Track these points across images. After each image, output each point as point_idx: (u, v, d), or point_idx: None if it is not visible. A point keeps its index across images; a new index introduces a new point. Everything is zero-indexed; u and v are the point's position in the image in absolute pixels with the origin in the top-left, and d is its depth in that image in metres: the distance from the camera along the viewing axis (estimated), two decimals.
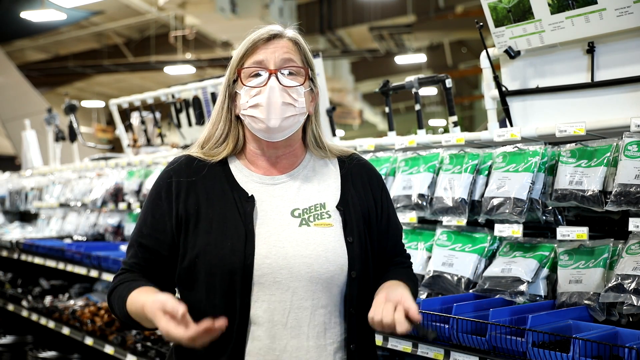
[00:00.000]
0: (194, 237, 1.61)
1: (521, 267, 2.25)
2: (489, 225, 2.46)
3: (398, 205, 2.60)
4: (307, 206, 1.66)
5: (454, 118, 2.89)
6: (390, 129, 3.13)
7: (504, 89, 2.55)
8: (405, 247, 1.87)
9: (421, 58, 17.77)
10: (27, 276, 5.42)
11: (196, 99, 4.24)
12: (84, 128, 19.84)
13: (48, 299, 4.60)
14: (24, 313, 4.82)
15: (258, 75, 1.65)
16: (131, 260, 1.69)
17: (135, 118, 5.11)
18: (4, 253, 5.47)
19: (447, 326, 2.06)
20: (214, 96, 4.11)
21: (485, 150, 2.50)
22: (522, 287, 2.21)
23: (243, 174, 1.70)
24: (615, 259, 2.11)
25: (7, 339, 5.07)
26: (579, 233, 2.16)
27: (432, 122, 22.39)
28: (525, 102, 2.55)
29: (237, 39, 14.70)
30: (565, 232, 2.20)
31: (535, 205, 2.25)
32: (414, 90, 2.94)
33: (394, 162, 2.78)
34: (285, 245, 1.59)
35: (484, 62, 2.61)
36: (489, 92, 2.64)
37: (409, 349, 2.20)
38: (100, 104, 21.58)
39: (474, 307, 2.16)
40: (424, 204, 2.55)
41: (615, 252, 2.13)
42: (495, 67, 2.60)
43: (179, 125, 4.51)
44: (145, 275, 1.67)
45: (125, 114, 5.04)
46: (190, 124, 4.41)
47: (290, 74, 1.65)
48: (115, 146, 8.66)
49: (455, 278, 2.42)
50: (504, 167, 2.36)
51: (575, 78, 2.40)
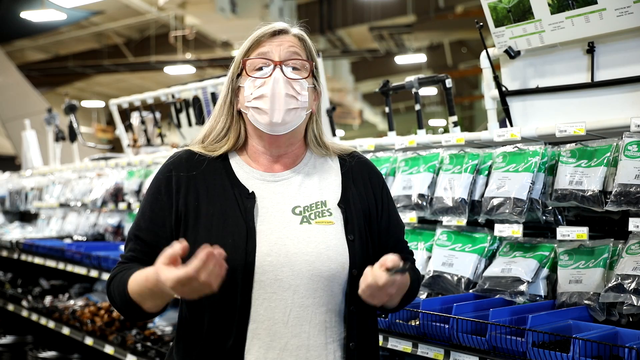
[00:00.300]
0: (194, 233, 1.60)
1: (521, 267, 2.25)
2: (489, 225, 2.46)
3: (398, 205, 2.60)
4: (308, 204, 1.66)
5: (454, 118, 2.89)
6: (390, 129, 3.13)
7: (504, 89, 2.55)
8: (407, 245, 1.85)
9: (421, 58, 17.78)
10: (27, 276, 5.42)
11: (196, 99, 4.24)
12: (84, 128, 19.84)
13: (48, 299, 4.60)
14: (24, 313, 4.81)
15: (262, 69, 1.65)
16: (129, 253, 1.67)
17: (135, 118, 5.11)
18: (4, 253, 5.47)
19: (447, 326, 2.06)
20: (214, 96, 4.11)
21: (485, 150, 2.50)
22: (522, 287, 2.21)
23: (244, 170, 1.69)
24: (615, 259, 2.11)
25: (7, 339, 5.07)
26: (579, 233, 2.16)
27: (432, 122, 22.39)
28: (525, 102, 2.55)
29: (237, 39, 14.73)
30: (565, 232, 2.20)
31: (535, 205, 2.25)
32: (414, 90, 2.94)
33: (394, 162, 2.78)
34: (286, 243, 1.59)
35: (484, 62, 2.61)
36: (489, 92, 2.64)
37: (409, 349, 2.19)
38: (100, 104, 21.59)
39: (474, 307, 2.16)
40: (424, 204, 2.55)
41: (615, 252, 2.13)
42: (495, 67, 2.60)
43: (179, 125, 4.52)
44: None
45: (125, 114, 5.04)
46: (190, 124, 4.41)
47: (295, 68, 1.66)
48: (115, 146, 8.66)
49: (455, 278, 2.42)
50: (504, 167, 2.36)
51: (575, 78, 2.40)
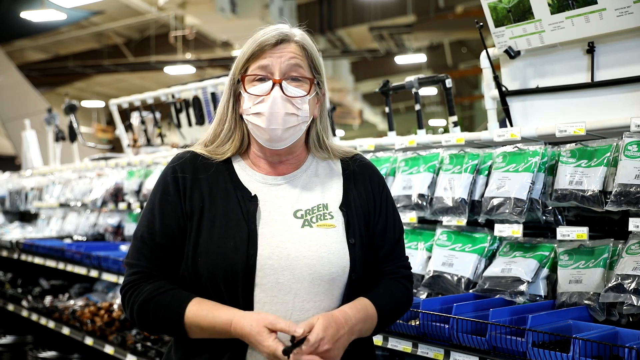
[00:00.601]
0: (197, 235, 1.60)
1: (521, 267, 2.25)
2: (489, 225, 2.45)
3: (398, 205, 2.60)
4: (310, 207, 1.65)
5: (454, 118, 2.88)
6: (390, 129, 3.13)
7: (504, 89, 2.55)
8: (404, 253, 1.80)
9: (421, 58, 17.77)
10: (27, 276, 5.42)
11: (196, 99, 4.24)
12: (84, 128, 19.84)
13: (48, 299, 4.60)
14: (24, 313, 4.81)
15: (263, 79, 1.62)
16: (144, 261, 1.61)
17: (135, 118, 5.11)
18: (4, 253, 5.47)
19: (447, 326, 2.06)
20: (214, 96, 4.11)
21: (485, 150, 2.50)
22: (522, 287, 2.21)
23: (247, 173, 1.69)
24: (615, 259, 2.11)
25: (7, 339, 5.06)
26: (579, 233, 2.16)
27: (432, 122, 22.39)
28: (525, 102, 2.55)
29: (237, 39, 14.71)
30: (565, 232, 2.19)
31: (535, 205, 2.25)
32: (414, 90, 2.94)
33: (394, 162, 2.78)
34: (287, 247, 1.58)
35: (484, 62, 2.61)
36: (489, 92, 2.64)
37: (409, 349, 2.19)
38: (100, 104, 21.59)
39: (474, 307, 2.16)
40: (424, 204, 2.55)
41: (615, 252, 2.13)
42: (495, 67, 2.60)
43: (179, 125, 4.52)
44: (164, 276, 1.61)
45: (125, 114, 5.04)
46: (190, 124, 4.41)
47: (296, 79, 1.63)
48: (115, 146, 8.65)
49: (455, 278, 2.42)
50: (504, 167, 2.36)
51: (575, 78, 2.40)
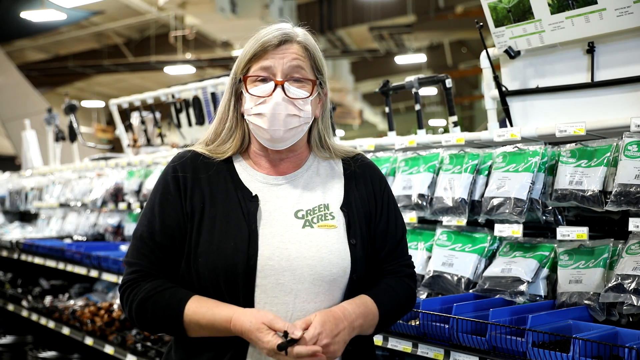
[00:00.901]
0: (197, 235, 1.60)
1: (521, 267, 2.25)
2: (489, 225, 2.45)
3: (398, 205, 2.60)
4: (311, 207, 1.65)
5: (454, 118, 2.88)
6: (390, 129, 3.13)
7: (504, 89, 2.55)
8: (407, 251, 1.80)
9: (421, 58, 17.76)
10: (27, 276, 5.42)
11: (196, 99, 4.24)
12: (84, 128, 19.83)
13: (48, 299, 4.60)
14: (24, 313, 4.81)
15: (264, 80, 1.62)
16: (144, 260, 1.61)
17: (135, 118, 5.11)
18: (4, 253, 5.47)
19: (447, 326, 2.06)
20: (214, 96, 4.11)
21: (485, 150, 2.50)
22: (522, 287, 2.21)
23: (247, 172, 1.68)
24: (615, 259, 2.11)
25: (7, 339, 5.07)
26: (579, 233, 2.16)
27: (432, 122, 22.39)
28: (525, 102, 2.55)
29: (237, 39, 14.72)
30: (565, 232, 2.19)
31: (535, 205, 2.25)
32: (414, 90, 2.94)
33: (394, 162, 2.78)
34: (288, 247, 1.58)
35: (484, 62, 2.61)
36: (489, 92, 2.64)
37: (409, 349, 2.19)
38: (100, 104, 21.58)
39: (474, 307, 2.16)
40: (424, 204, 2.55)
41: (615, 252, 2.13)
42: (495, 67, 2.60)
43: (179, 125, 4.52)
44: (164, 275, 1.61)
45: (125, 114, 5.04)
46: (190, 124, 4.41)
47: (298, 80, 1.62)
48: (115, 146, 8.65)
49: (455, 278, 2.42)
50: (504, 167, 2.36)
51: (575, 78, 2.40)
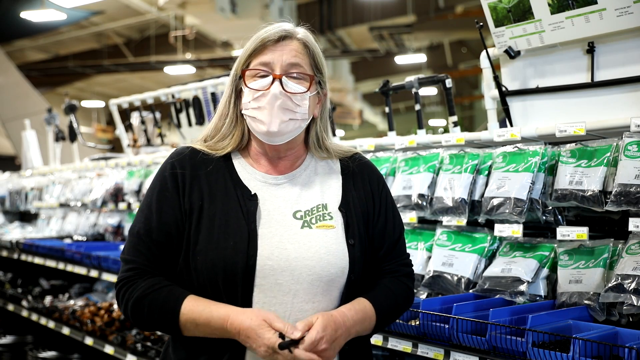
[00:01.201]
0: (196, 232, 1.59)
1: (521, 267, 2.25)
2: (489, 225, 2.45)
3: (398, 205, 2.60)
4: (309, 207, 1.65)
5: (454, 118, 2.88)
6: (390, 129, 3.13)
7: (504, 89, 2.55)
8: (405, 251, 1.80)
9: (421, 58, 17.76)
10: (27, 276, 5.42)
11: (196, 99, 4.24)
12: (84, 128, 19.83)
13: (48, 299, 4.60)
14: (24, 313, 4.81)
15: (263, 76, 1.62)
16: (140, 258, 1.60)
17: (135, 118, 5.11)
18: (4, 253, 5.47)
19: (447, 326, 2.06)
20: (214, 96, 4.11)
21: (485, 150, 2.50)
22: (522, 287, 2.21)
23: (247, 170, 1.68)
24: (615, 259, 2.11)
25: (7, 339, 5.07)
26: (579, 233, 2.16)
27: (432, 122, 22.39)
28: (525, 102, 2.55)
29: (237, 39, 14.69)
30: (565, 232, 2.19)
31: (535, 205, 2.25)
32: (414, 90, 2.94)
33: (394, 162, 2.78)
34: (287, 247, 1.58)
35: (484, 62, 2.61)
36: (489, 92, 2.64)
37: (409, 349, 2.19)
38: (100, 104, 21.58)
39: (474, 307, 2.16)
40: (424, 204, 2.55)
41: (615, 252, 2.13)
42: (495, 67, 2.60)
43: (179, 125, 4.52)
44: (160, 273, 1.60)
45: (125, 114, 5.04)
46: (190, 124, 4.41)
47: (297, 78, 1.63)
48: (115, 146, 8.65)
49: (455, 278, 2.42)
50: (504, 167, 2.36)
51: (575, 78, 2.40)
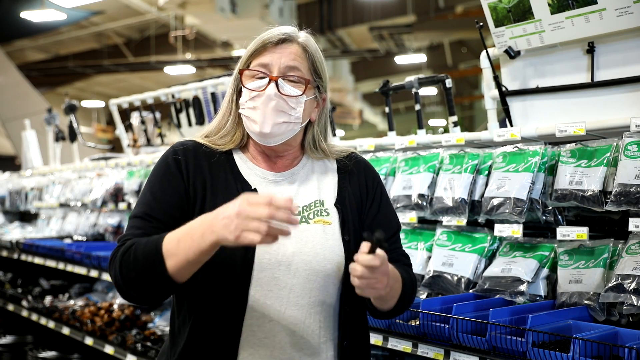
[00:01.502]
0: None
1: (521, 267, 2.25)
2: (489, 225, 2.45)
3: (398, 205, 2.60)
4: (307, 203, 1.68)
5: (454, 118, 2.88)
6: (390, 129, 3.13)
7: (504, 89, 2.55)
8: (401, 246, 1.82)
9: (421, 58, 17.77)
10: (27, 276, 5.42)
11: (196, 99, 4.24)
12: (84, 128, 19.83)
13: (48, 299, 4.60)
14: (24, 313, 4.81)
15: (261, 77, 1.65)
16: (139, 231, 1.56)
17: (135, 118, 5.10)
18: (4, 253, 5.47)
19: (447, 326, 2.06)
20: (214, 96, 4.11)
21: (485, 150, 2.50)
22: (522, 287, 2.21)
23: (247, 166, 1.71)
24: (615, 259, 2.11)
25: (7, 339, 5.07)
26: (579, 233, 2.16)
27: (432, 122, 22.40)
28: (525, 102, 2.55)
29: (237, 39, 14.72)
30: (565, 232, 2.19)
31: (535, 205, 2.25)
32: (414, 90, 2.94)
33: (394, 162, 2.78)
34: (284, 242, 1.59)
35: (484, 62, 2.61)
36: (489, 92, 2.64)
37: (409, 349, 2.19)
38: (100, 104, 21.59)
39: (474, 307, 2.16)
40: (424, 204, 2.55)
41: (615, 252, 2.13)
42: (495, 67, 2.60)
43: (179, 125, 4.51)
44: None
45: (125, 114, 5.04)
46: (190, 124, 4.41)
47: (293, 80, 1.65)
48: (115, 146, 8.65)
49: (455, 278, 2.42)
50: (504, 167, 2.36)
51: (575, 78, 2.40)
